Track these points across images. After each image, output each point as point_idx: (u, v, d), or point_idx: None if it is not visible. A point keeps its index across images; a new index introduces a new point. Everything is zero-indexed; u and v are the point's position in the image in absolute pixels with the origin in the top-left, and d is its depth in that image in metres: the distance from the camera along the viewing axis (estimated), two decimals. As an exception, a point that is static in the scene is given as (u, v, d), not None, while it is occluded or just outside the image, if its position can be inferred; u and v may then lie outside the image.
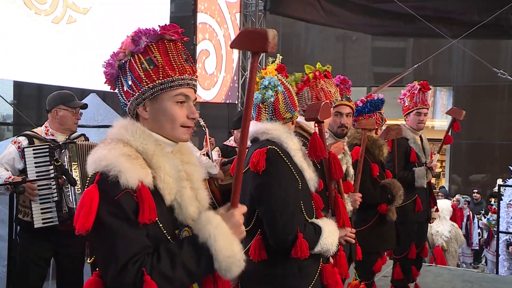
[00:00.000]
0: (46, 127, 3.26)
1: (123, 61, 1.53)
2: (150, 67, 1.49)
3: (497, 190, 6.89)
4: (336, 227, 2.17)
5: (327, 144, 2.39)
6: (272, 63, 2.27)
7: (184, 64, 1.53)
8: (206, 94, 7.64)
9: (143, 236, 1.39)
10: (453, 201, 9.10)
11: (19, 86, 11.61)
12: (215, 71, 7.87)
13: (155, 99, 1.50)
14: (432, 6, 7.32)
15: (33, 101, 12.58)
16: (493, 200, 8.46)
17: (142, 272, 1.33)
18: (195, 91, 1.58)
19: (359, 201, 3.00)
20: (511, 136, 11.70)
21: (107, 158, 1.40)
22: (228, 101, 8.42)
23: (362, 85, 13.08)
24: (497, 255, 6.49)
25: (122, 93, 1.55)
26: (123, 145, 1.45)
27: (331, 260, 2.28)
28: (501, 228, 6.99)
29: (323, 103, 2.31)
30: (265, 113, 2.18)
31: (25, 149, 3.06)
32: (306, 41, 14.25)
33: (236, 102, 8.64)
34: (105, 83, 1.59)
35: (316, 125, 2.31)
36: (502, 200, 6.99)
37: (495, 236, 7.83)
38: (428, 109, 4.31)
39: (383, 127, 3.89)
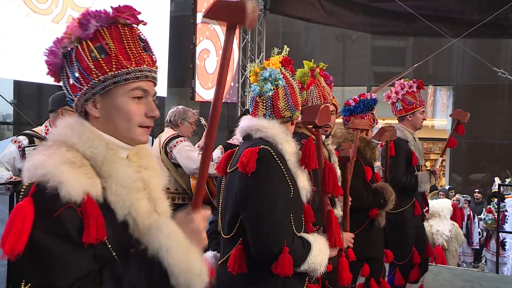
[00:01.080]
0: (46, 126, 3.26)
1: (69, 49, 1.28)
2: (101, 56, 1.25)
3: (497, 190, 6.89)
4: (327, 245, 1.95)
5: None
6: (277, 55, 2.04)
7: (141, 53, 1.29)
8: (207, 93, 7.65)
9: (86, 259, 1.17)
10: (453, 200, 9.10)
11: (19, 86, 11.61)
12: (216, 71, 7.87)
13: (107, 94, 1.27)
14: (432, 5, 7.32)
15: (33, 100, 12.57)
16: (495, 200, 8.46)
17: None
18: (155, 85, 1.35)
19: (351, 241, 2.71)
20: (511, 136, 11.72)
21: (45, 165, 1.16)
22: (228, 101, 8.42)
23: (362, 84, 13.07)
24: (497, 255, 6.49)
25: (68, 87, 1.30)
26: (67, 149, 1.22)
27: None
28: (509, 228, 6.96)
29: (322, 106, 2.11)
30: (263, 108, 1.96)
31: (25, 149, 3.06)
32: (306, 40, 14.24)
33: (236, 102, 8.64)
34: (47, 74, 1.34)
35: (313, 130, 2.12)
36: (504, 200, 7.01)
37: (493, 235, 7.85)
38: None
39: (375, 128, 3.75)
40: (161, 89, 7.08)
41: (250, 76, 2.02)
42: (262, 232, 1.78)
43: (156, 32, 6.90)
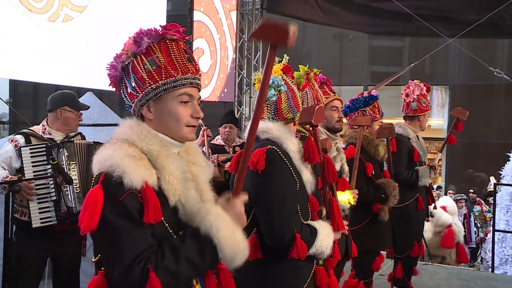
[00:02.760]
0: (43, 125, 3.24)
1: (126, 63, 1.52)
2: (153, 68, 1.48)
3: (492, 189, 6.90)
4: (331, 230, 2.17)
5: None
6: (278, 63, 2.27)
7: (186, 63, 1.52)
8: (201, 93, 7.63)
9: (148, 235, 1.38)
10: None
11: (15, 85, 11.58)
12: (210, 70, 7.85)
13: (158, 99, 1.50)
14: (429, 5, 7.34)
15: (29, 99, 12.55)
16: (491, 199, 8.50)
17: (147, 270, 1.33)
18: (199, 90, 1.58)
19: (356, 198, 3.03)
20: (508, 135, 11.74)
21: (112, 158, 1.39)
22: (224, 100, 8.41)
23: (359, 84, 13.10)
24: (493, 253, 6.50)
25: (126, 95, 1.54)
26: (128, 145, 1.45)
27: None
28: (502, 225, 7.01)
29: (317, 106, 2.32)
30: (267, 112, 2.19)
31: (22, 148, 3.04)
32: (304, 40, 14.25)
33: (233, 101, 8.63)
34: (109, 85, 1.59)
35: (311, 128, 2.33)
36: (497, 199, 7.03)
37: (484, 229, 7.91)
38: None
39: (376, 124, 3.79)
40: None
41: (254, 84, 2.28)
42: (274, 225, 2.00)
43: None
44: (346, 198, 2.95)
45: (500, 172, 7.43)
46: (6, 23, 4.76)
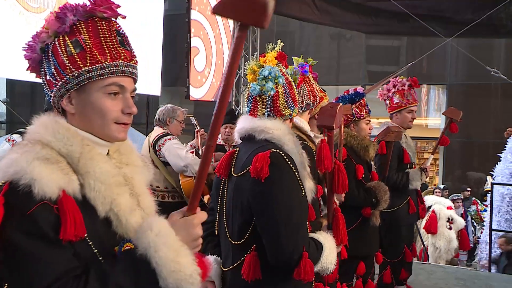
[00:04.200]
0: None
1: (47, 43, 1.26)
2: (76, 50, 1.22)
3: (489, 188, 6.91)
4: (334, 243, 1.97)
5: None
6: (271, 50, 1.98)
7: (117, 47, 1.25)
8: (196, 92, 7.59)
9: (65, 257, 1.12)
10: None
11: (11, 84, 11.55)
12: (205, 69, 7.83)
13: (81, 90, 1.23)
14: (426, 4, 7.34)
15: (26, 99, 12.51)
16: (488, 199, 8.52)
17: None
18: (135, 81, 1.31)
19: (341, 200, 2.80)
20: (504, 135, 11.76)
21: (17, 163, 1.13)
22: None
23: (356, 83, 13.09)
24: (490, 253, 6.52)
25: (46, 83, 1.28)
26: (41, 147, 1.18)
27: None
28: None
29: (338, 108, 2.04)
30: (263, 108, 1.90)
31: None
32: (301, 39, 14.25)
33: (230, 101, 8.63)
34: (27, 69, 1.33)
35: (326, 131, 2.07)
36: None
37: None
38: (417, 105, 4.13)
39: (361, 123, 3.60)
40: (155, 88, 7.06)
41: (247, 75, 1.97)
42: (281, 240, 1.74)
43: (150, 31, 6.87)
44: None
45: (492, 173, 7.43)
46: (2, 22, 4.75)
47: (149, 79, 6.70)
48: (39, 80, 1.33)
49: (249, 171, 1.79)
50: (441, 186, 10.35)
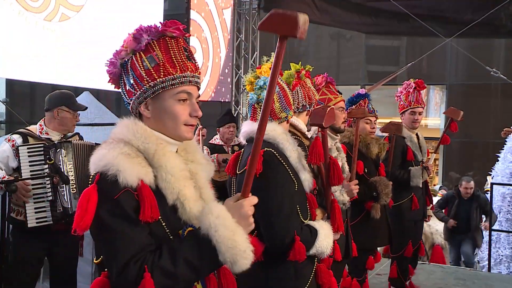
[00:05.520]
0: (41, 125, 3.23)
1: (125, 60, 1.51)
2: (151, 65, 1.46)
3: (489, 189, 6.90)
4: (331, 230, 2.17)
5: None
6: (267, 62, 2.24)
7: (185, 61, 1.49)
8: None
9: (144, 234, 1.37)
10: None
11: (11, 84, 11.54)
12: (202, 69, 7.84)
13: (156, 97, 1.48)
14: (426, 4, 7.35)
15: (26, 99, 12.51)
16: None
17: (143, 270, 1.31)
18: (198, 88, 1.56)
19: (356, 189, 3.00)
20: (501, 135, 11.76)
21: (106, 157, 1.38)
22: (221, 100, 8.41)
23: (357, 83, 13.09)
24: (489, 253, 6.52)
25: (125, 92, 1.53)
26: (124, 144, 1.43)
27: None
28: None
29: (329, 108, 2.29)
30: (260, 113, 2.15)
31: (19, 148, 3.04)
32: (300, 39, 14.25)
33: (230, 101, 8.63)
34: (108, 82, 1.58)
35: (320, 130, 2.31)
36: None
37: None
38: (423, 108, 4.29)
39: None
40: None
41: (246, 86, 2.24)
42: (273, 228, 1.99)
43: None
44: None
45: (490, 173, 7.43)
46: (2, 22, 4.74)
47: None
48: (39, 81, 1.48)
49: None
50: (439, 186, 10.34)
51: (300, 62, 2.65)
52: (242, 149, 2.27)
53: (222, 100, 8.43)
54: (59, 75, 5.32)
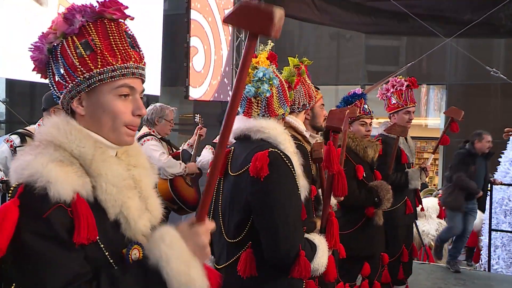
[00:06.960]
0: (40, 125, 3.23)
1: (54, 44, 1.25)
2: (86, 52, 1.21)
3: (489, 189, 6.91)
4: (327, 247, 1.99)
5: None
6: (262, 50, 2.02)
7: (128, 49, 1.25)
8: (195, 92, 7.59)
9: (78, 261, 1.12)
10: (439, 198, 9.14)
11: (11, 84, 11.54)
12: (203, 69, 7.82)
13: (92, 91, 1.23)
14: (426, 4, 7.34)
15: (26, 99, 12.50)
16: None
17: None
18: (143, 82, 1.31)
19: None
20: (503, 136, 11.77)
21: (32, 165, 1.13)
22: (221, 100, 8.41)
23: (356, 83, 13.09)
24: (489, 253, 6.53)
25: (54, 84, 1.27)
26: (54, 148, 1.18)
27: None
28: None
29: (347, 111, 2.11)
30: (257, 108, 1.95)
31: (17, 149, 3.04)
32: (300, 39, 14.24)
33: (225, 101, 8.63)
34: (33, 70, 1.32)
35: (332, 133, 2.10)
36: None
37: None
38: (415, 106, 4.08)
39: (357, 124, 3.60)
40: (155, 88, 7.04)
41: None
42: (278, 238, 1.77)
43: (150, 30, 6.86)
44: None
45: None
46: (2, 22, 4.74)
47: (148, 79, 6.62)
48: (39, 80, 1.35)
49: (248, 169, 1.82)
50: (439, 187, 10.34)
51: (297, 56, 2.49)
52: (232, 147, 2.04)
53: (222, 100, 8.43)
54: (59, 75, 5.31)
